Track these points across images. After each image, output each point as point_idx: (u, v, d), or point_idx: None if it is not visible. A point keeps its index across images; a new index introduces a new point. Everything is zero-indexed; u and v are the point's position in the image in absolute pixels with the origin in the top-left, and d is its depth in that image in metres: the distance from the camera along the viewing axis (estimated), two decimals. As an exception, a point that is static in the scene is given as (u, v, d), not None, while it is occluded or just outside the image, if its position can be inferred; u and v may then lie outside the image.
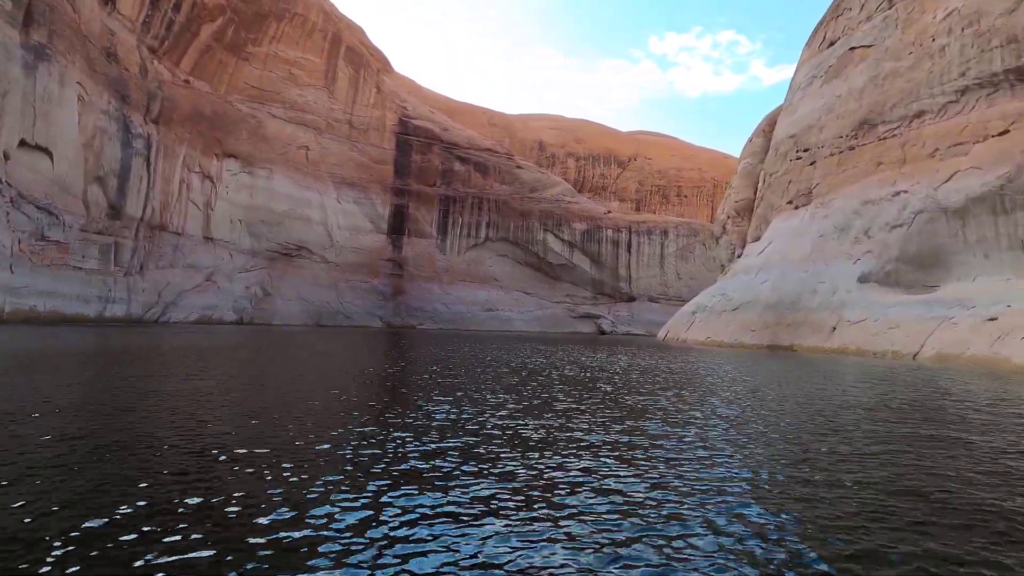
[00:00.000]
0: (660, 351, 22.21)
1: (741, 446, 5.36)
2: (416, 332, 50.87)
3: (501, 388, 9.17)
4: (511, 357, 16.50)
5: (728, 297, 26.52)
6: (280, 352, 16.30)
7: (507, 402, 7.49)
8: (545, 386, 9.71)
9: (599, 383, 10.45)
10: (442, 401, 7.30)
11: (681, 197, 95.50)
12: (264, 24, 52.19)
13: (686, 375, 12.42)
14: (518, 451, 4.91)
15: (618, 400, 8.22)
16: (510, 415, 6.72)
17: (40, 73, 29.65)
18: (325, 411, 6.47)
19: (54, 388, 7.63)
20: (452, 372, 11.56)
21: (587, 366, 14.20)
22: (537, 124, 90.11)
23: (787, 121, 28.64)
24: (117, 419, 5.77)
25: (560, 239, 70.85)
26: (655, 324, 72.98)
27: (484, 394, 7.94)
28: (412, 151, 65.22)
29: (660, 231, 74.72)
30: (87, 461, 4.11)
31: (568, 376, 11.65)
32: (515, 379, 10.74)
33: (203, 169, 47.93)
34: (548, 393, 8.83)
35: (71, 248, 34.59)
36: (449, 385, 9.14)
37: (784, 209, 27.09)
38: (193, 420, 5.78)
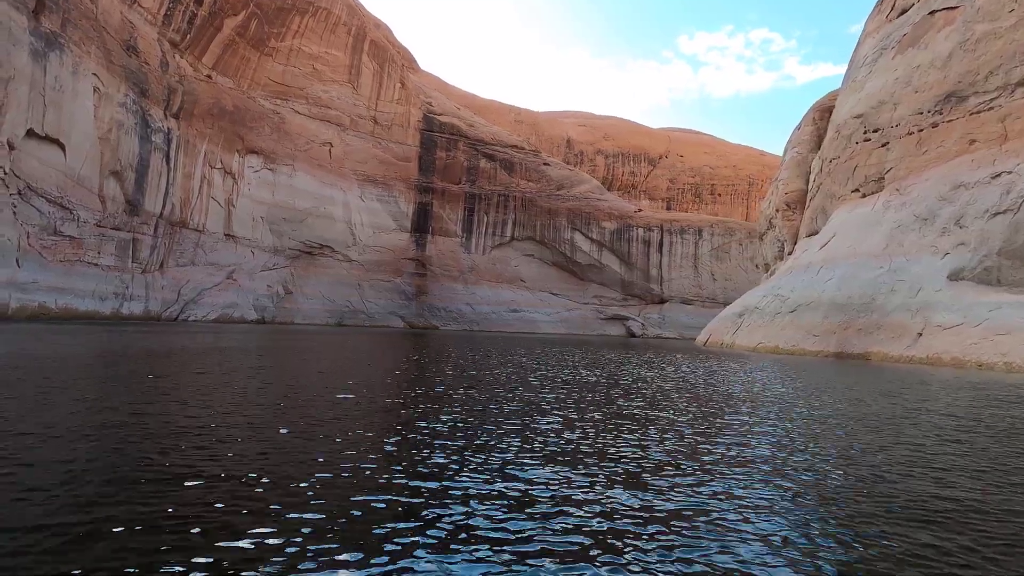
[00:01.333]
0: (708, 358, 19.32)
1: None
2: (439, 333, 48.64)
3: (576, 417, 6.59)
4: (551, 365, 13.88)
5: (783, 297, 23.34)
6: (308, 355, 14.06)
7: (600, 449, 4.83)
8: (617, 417, 7.10)
9: (677, 409, 7.78)
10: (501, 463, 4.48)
11: (714, 196, 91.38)
12: (287, 18, 50.80)
13: (771, 394, 9.63)
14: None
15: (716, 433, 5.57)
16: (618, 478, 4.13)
17: (51, 61, 28.32)
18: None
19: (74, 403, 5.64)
20: (498, 396, 9.00)
21: (643, 378, 11.50)
22: (565, 121, 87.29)
23: (851, 100, 25.21)
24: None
25: (588, 238, 67.86)
26: (688, 327, 69.35)
27: (545, 439, 5.21)
28: (437, 148, 63.20)
29: (694, 230, 71.02)
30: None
31: (640, 396, 8.99)
32: (587, 404, 8.15)
33: (224, 165, 46.66)
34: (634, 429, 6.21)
35: (85, 244, 33.34)
36: (498, 423, 6.55)
37: (849, 198, 23.79)
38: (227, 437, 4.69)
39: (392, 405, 6.93)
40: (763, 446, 5.20)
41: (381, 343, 23.51)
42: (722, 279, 71.51)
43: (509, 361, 14.35)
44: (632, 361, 16.37)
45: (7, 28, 24.32)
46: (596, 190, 70.57)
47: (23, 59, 25.61)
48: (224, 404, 6.28)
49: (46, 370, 8.51)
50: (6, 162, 24.90)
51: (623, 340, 52.48)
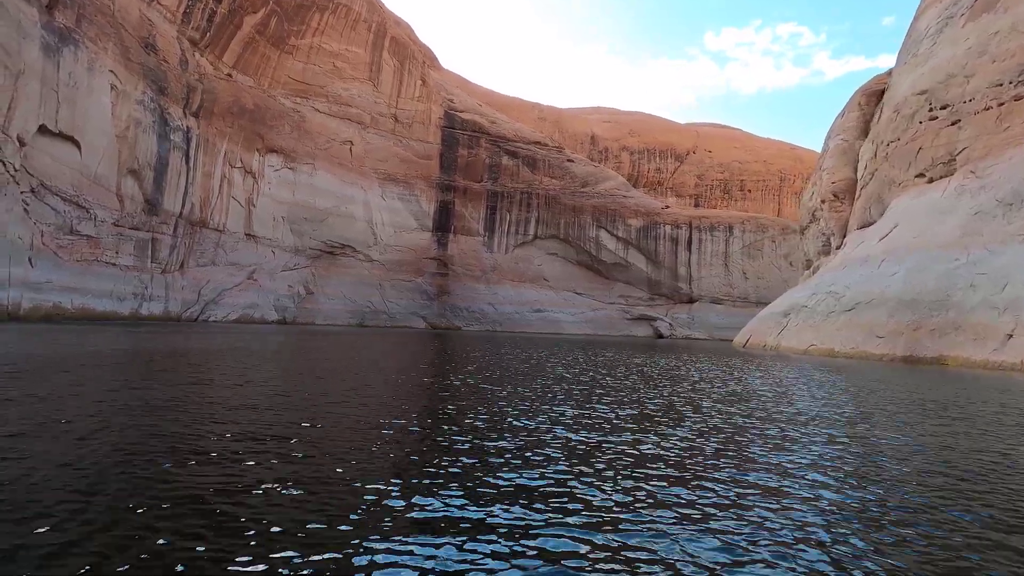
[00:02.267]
0: (755, 362, 17.18)
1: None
2: (461, 334, 47.06)
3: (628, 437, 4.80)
4: (587, 371, 12.04)
5: (837, 294, 20.90)
6: (337, 357, 12.51)
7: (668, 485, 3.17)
8: (680, 449, 5.28)
9: (747, 436, 5.91)
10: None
11: (744, 192, 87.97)
12: (307, 15, 49.90)
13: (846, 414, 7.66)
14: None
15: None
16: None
17: (64, 57, 27.55)
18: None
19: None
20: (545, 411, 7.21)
21: (699, 389, 9.59)
22: (589, 117, 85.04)
23: (912, 76, 22.55)
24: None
25: (614, 236, 65.56)
26: (719, 328, 66.44)
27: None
28: (458, 145, 61.72)
29: (724, 227, 68.08)
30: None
31: (699, 412, 7.13)
32: (641, 417, 6.32)
33: (245, 165, 45.90)
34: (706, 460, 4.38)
35: (103, 243, 32.65)
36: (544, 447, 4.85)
37: (912, 184, 21.21)
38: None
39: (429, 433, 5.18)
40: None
41: (405, 346, 21.93)
42: (754, 278, 68.40)
43: (547, 372, 12.50)
44: (684, 368, 14.36)
45: (16, 21, 23.51)
46: (622, 187, 68.20)
47: (34, 53, 24.80)
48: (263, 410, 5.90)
49: (100, 372, 7.39)
50: (16, 158, 24.09)
51: (651, 341, 50.12)
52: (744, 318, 67.34)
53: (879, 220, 23.12)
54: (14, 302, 24.50)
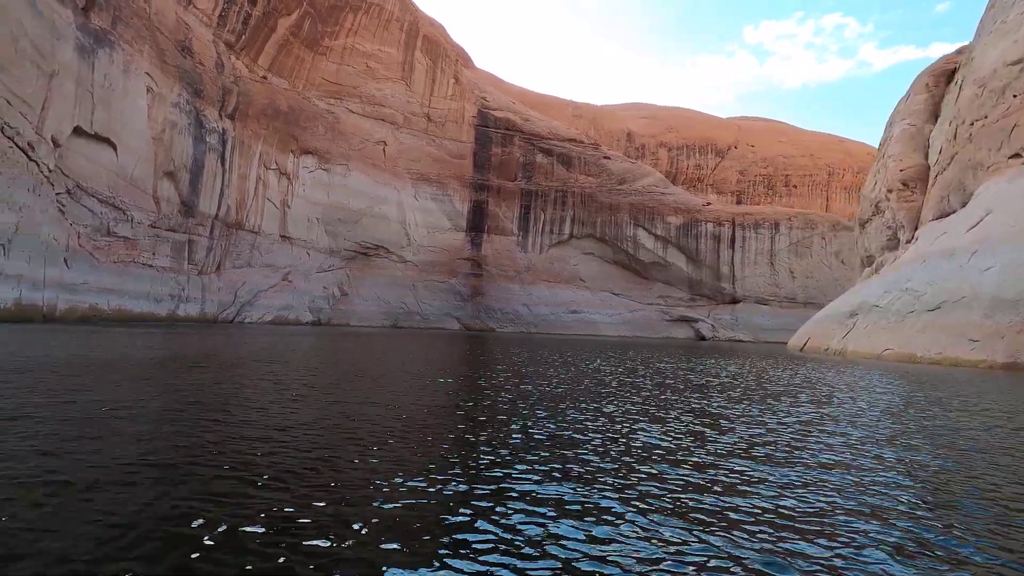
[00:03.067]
0: (832, 369, 15.02)
1: None
2: (495, 336, 45.67)
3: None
4: (649, 383, 10.37)
5: (917, 292, 18.37)
6: (382, 362, 11.32)
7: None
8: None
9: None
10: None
11: (789, 187, 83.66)
12: (340, 16, 49.58)
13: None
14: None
15: None
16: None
17: (100, 59, 27.48)
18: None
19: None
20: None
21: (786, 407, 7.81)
22: (625, 114, 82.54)
23: (1001, 46, 19.75)
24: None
25: (652, 234, 63.03)
26: (764, 329, 63.03)
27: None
28: (492, 144, 60.48)
29: (769, 224, 64.58)
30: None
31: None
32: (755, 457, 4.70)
33: (279, 166, 45.79)
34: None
35: (140, 245, 32.65)
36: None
37: (1005, 166, 18.46)
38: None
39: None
40: None
41: (439, 348, 20.60)
42: (802, 277, 64.65)
43: (597, 380, 10.86)
44: (752, 377, 12.43)
45: (50, 22, 23.37)
46: (660, 183, 65.59)
47: (68, 55, 24.68)
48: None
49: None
50: (51, 159, 23.96)
51: (693, 344, 47.57)
52: (792, 319, 63.67)
53: (962, 209, 20.39)
54: (50, 303, 24.37)
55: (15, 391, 6.06)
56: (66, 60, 24.64)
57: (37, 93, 22.63)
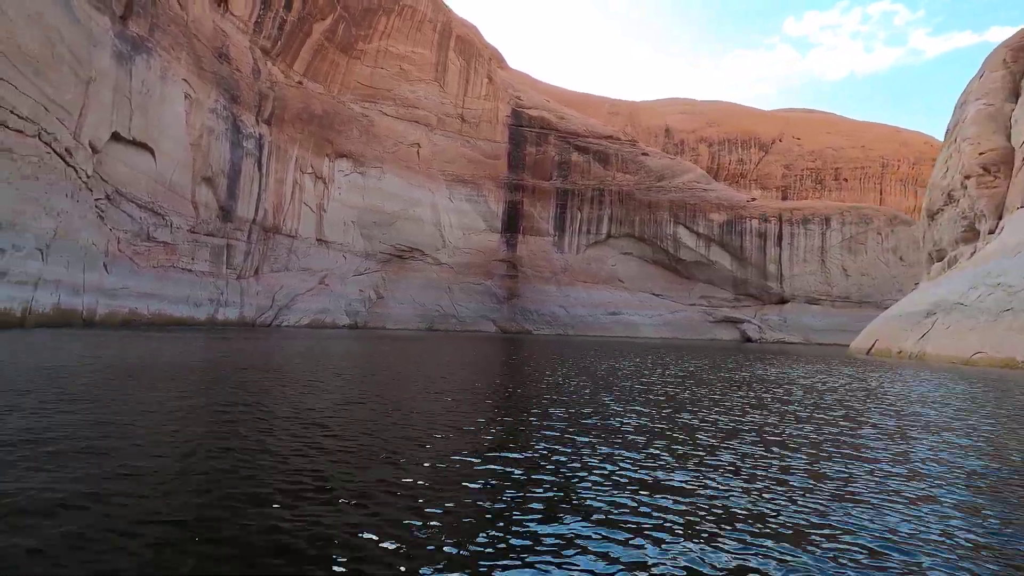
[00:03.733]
0: (919, 378, 13.00)
1: None
2: (532, 338, 44.28)
3: None
4: (710, 390, 8.91)
5: (1012, 288, 15.90)
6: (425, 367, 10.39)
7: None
8: None
9: None
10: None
11: (840, 181, 79.25)
12: (374, 19, 49.29)
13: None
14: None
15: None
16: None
17: (137, 65, 27.58)
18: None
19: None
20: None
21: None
22: (663, 109, 79.91)
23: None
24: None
25: (694, 232, 60.38)
26: (815, 330, 59.42)
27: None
28: (526, 143, 59.19)
29: (820, 219, 60.93)
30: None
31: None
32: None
33: (315, 170, 45.74)
34: None
35: (179, 250, 32.82)
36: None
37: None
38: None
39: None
40: None
41: (477, 351, 19.42)
42: (857, 275, 60.67)
43: (647, 385, 9.40)
44: (846, 390, 10.68)
45: (87, 29, 23.41)
46: (701, 179, 62.86)
47: (105, 61, 24.73)
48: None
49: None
50: (88, 165, 24.00)
51: (739, 346, 44.96)
52: (846, 320, 59.78)
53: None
54: (89, 308, 24.42)
55: (120, 395, 6.42)
56: (103, 67, 24.69)
57: (74, 99, 22.65)
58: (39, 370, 8.48)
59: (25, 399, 5.73)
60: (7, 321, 18.89)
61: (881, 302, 60.29)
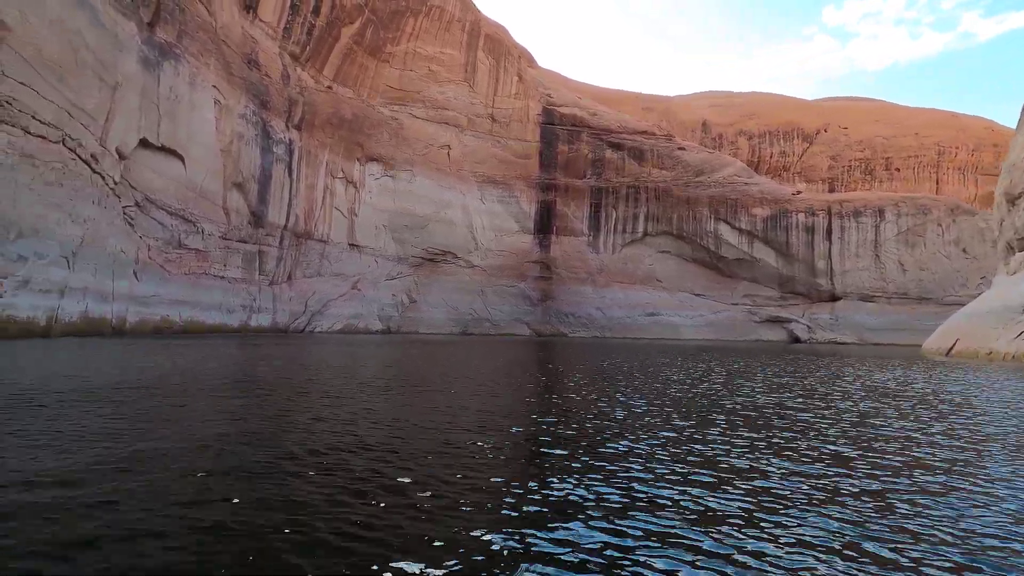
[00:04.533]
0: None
1: None
2: (568, 341, 42.37)
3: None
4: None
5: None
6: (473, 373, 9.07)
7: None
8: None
9: None
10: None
11: (891, 171, 74.34)
12: (401, 21, 48.52)
13: None
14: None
15: None
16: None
17: (165, 71, 27.19)
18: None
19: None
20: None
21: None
22: (698, 103, 76.77)
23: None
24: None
25: (736, 228, 57.24)
26: (870, 329, 55.40)
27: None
28: (558, 141, 57.41)
29: (873, 211, 56.86)
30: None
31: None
32: None
33: (346, 174, 45.12)
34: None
35: (211, 256, 32.42)
36: None
37: None
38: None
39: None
40: None
41: (514, 355, 17.81)
42: (915, 269, 56.28)
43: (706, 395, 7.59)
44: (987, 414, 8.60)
45: (113, 35, 22.99)
46: (742, 173, 59.67)
47: (132, 66, 24.31)
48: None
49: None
50: (116, 172, 23.55)
51: (787, 347, 41.91)
52: (904, 318, 55.55)
53: None
54: (119, 316, 23.94)
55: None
56: (130, 72, 24.26)
57: (100, 105, 22.18)
58: (133, 386, 7.26)
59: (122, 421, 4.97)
60: (31, 330, 18.33)
61: (943, 298, 55.76)
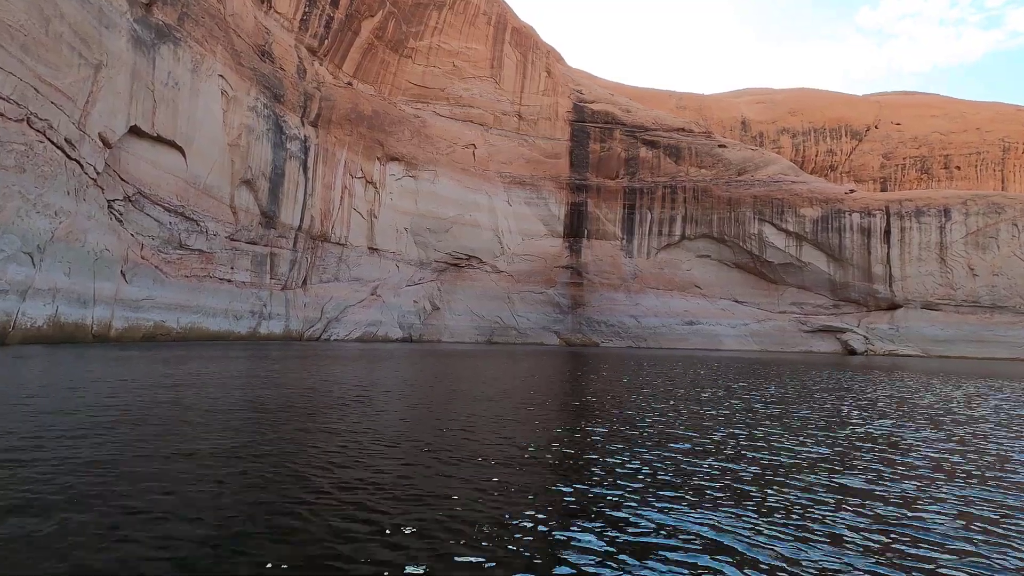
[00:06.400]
0: None
1: None
2: (601, 351, 38.18)
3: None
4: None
5: None
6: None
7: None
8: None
9: None
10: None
11: (950, 169, 67.68)
12: (425, 14, 45.62)
13: None
14: None
15: None
16: None
17: (162, 55, 24.51)
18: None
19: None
20: None
21: None
22: (737, 100, 71.76)
23: None
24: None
25: (782, 230, 52.08)
26: (937, 341, 49.34)
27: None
28: (589, 140, 53.49)
29: (938, 210, 50.90)
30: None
31: None
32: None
33: (366, 174, 42.17)
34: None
35: (216, 258, 29.59)
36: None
37: None
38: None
39: None
40: None
41: (546, 367, 13.99)
42: (987, 274, 49.99)
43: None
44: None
45: (96, 8, 20.33)
46: (789, 171, 54.54)
47: (120, 45, 21.61)
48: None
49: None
50: (98, 160, 20.76)
51: (842, 359, 36.72)
52: (976, 328, 49.38)
53: None
54: (102, 321, 21.03)
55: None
56: (117, 51, 21.55)
57: (78, 84, 19.43)
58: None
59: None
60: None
61: (1020, 306, 49.41)
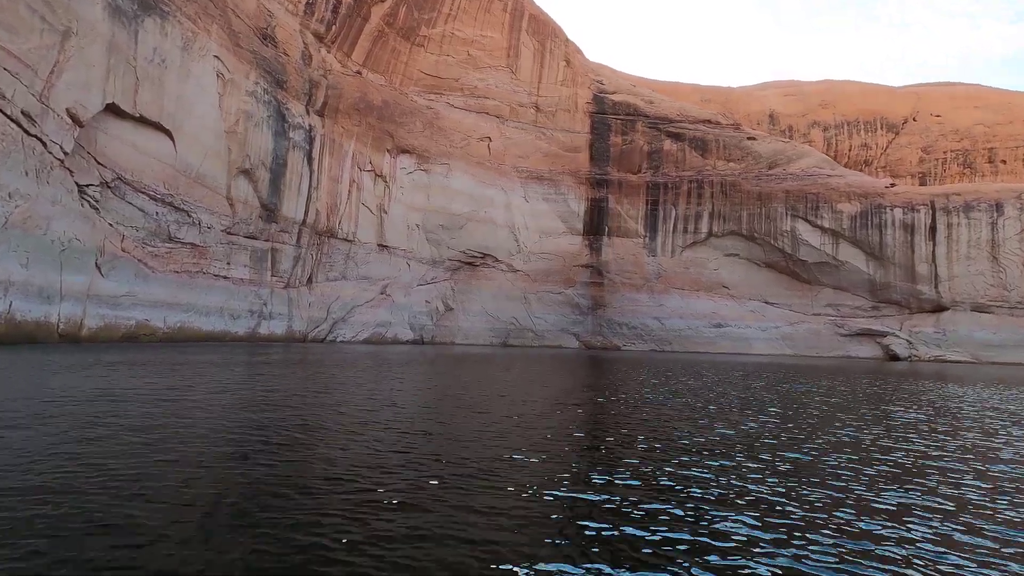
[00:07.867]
0: None
1: None
2: (622, 355, 34.95)
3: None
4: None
5: None
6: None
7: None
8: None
9: None
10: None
11: (995, 164, 62.78)
12: (438, 1, 42.95)
13: None
14: None
15: None
16: None
17: (146, 28, 22.10)
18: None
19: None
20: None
21: None
22: (763, 93, 67.82)
23: None
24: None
25: (817, 227, 48.18)
26: (989, 347, 44.93)
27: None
28: (610, 132, 50.27)
29: (988, 205, 46.54)
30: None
31: None
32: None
33: (375, 167, 39.58)
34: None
35: (211, 253, 27.12)
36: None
37: None
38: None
39: None
40: None
41: (568, 375, 11.00)
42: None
43: None
44: None
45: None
46: (824, 164, 50.62)
47: (94, 12, 19.21)
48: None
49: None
50: (66, 138, 18.30)
51: (885, 365, 32.86)
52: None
53: None
54: (71, 319, 18.54)
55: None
56: (91, 19, 19.11)
57: (39, 51, 16.99)
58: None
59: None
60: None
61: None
